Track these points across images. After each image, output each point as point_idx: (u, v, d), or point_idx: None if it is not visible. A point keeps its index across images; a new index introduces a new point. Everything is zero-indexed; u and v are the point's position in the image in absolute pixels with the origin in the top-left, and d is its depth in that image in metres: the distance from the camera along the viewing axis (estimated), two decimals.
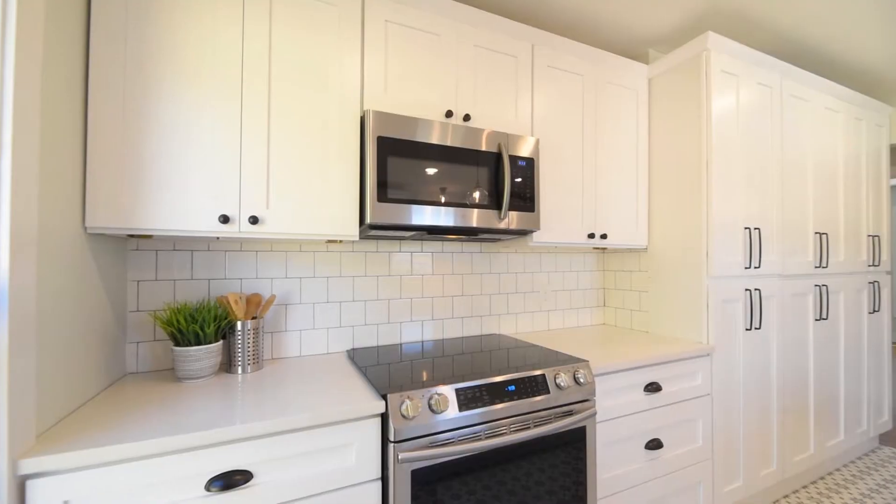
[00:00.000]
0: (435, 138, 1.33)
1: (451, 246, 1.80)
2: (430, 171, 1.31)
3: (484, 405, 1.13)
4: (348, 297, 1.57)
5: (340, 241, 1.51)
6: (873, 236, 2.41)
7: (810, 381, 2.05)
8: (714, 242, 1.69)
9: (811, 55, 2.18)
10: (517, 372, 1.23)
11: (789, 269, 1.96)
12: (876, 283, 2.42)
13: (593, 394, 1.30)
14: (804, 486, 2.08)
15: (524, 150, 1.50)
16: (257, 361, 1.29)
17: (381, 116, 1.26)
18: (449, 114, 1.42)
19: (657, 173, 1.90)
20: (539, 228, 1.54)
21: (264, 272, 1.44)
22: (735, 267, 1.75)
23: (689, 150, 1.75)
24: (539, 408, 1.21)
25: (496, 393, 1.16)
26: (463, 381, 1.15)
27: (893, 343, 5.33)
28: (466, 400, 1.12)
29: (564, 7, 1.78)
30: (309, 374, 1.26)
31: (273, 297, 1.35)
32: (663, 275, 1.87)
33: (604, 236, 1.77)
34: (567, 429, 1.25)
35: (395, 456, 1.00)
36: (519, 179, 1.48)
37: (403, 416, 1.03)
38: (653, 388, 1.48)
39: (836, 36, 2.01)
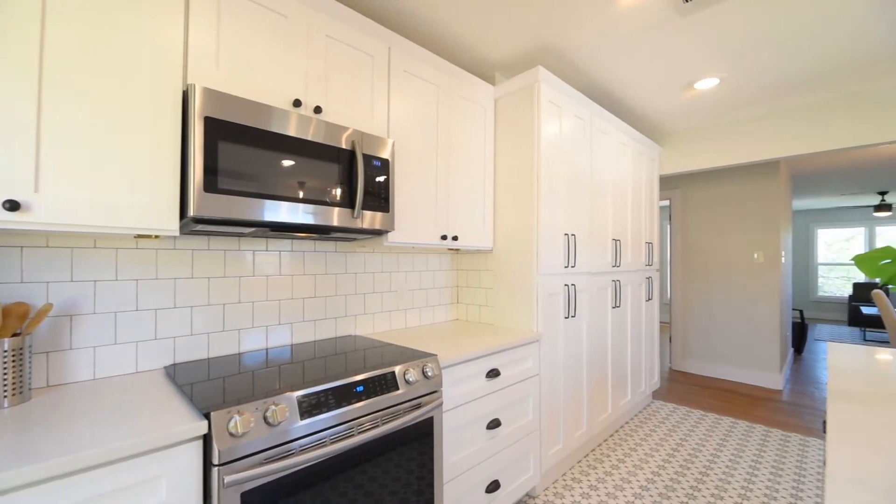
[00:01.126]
0: (281, 128, 1.23)
1: (303, 245, 1.69)
2: (275, 162, 1.21)
3: (330, 410, 1.09)
4: (167, 303, 1.32)
5: (156, 237, 1.26)
6: (649, 243, 3.17)
7: (608, 355, 2.59)
8: (542, 245, 1.99)
9: (611, 100, 2.76)
10: (369, 372, 1.22)
11: (595, 268, 2.43)
12: (650, 278, 3.20)
13: (440, 385, 1.38)
14: (605, 440, 2.61)
15: (380, 151, 1.51)
16: (20, 392, 0.98)
17: (212, 95, 1.10)
18: (297, 103, 1.34)
19: (501, 183, 2.14)
20: (394, 229, 1.57)
21: (35, 274, 1.10)
22: (558, 266, 2.09)
23: (524, 166, 2.02)
24: (388, 405, 1.22)
25: (344, 396, 1.13)
26: (310, 386, 1.08)
27: (662, 322, 7.14)
28: (310, 407, 1.06)
29: (420, 19, 1.86)
30: (105, 400, 1.01)
31: (48, 306, 1.04)
32: (505, 273, 2.11)
33: (455, 238, 1.91)
34: (416, 422, 1.30)
35: (221, 480, 0.89)
36: (374, 179, 1.48)
37: (232, 435, 0.91)
38: (493, 374, 1.66)
39: (627, 89, 2.58)
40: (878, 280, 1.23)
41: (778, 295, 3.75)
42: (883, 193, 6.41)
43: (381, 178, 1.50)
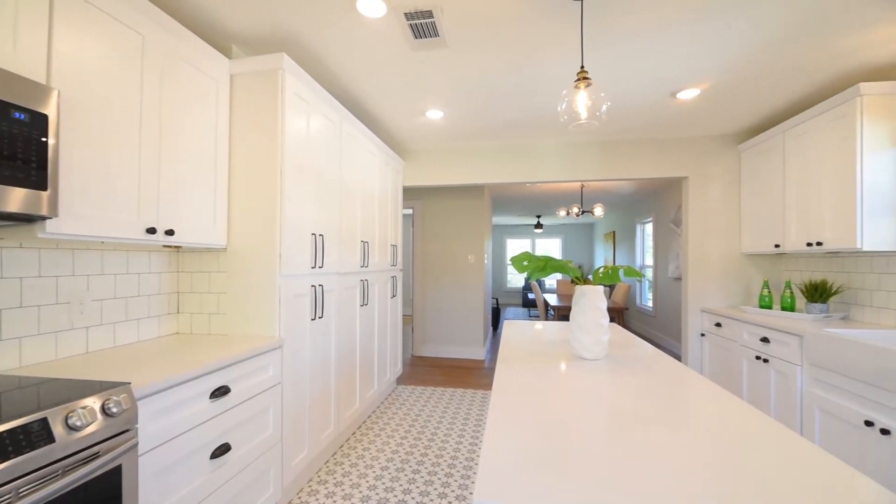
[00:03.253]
0: None
1: None
2: None
3: None
4: None
5: None
6: (394, 245, 3.54)
7: (357, 352, 2.71)
8: (286, 245, 1.88)
9: (362, 109, 2.92)
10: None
11: (344, 268, 2.50)
12: (395, 277, 3.57)
13: (135, 421, 1.07)
14: (353, 433, 2.71)
15: (31, 100, 1.04)
16: None
17: None
18: None
19: (239, 174, 1.89)
20: (58, 214, 1.12)
21: None
22: (304, 266, 2.03)
23: (268, 158, 1.86)
24: (34, 468, 0.84)
25: None
26: None
27: (405, 315, 8.15)
28: None
29: None
30: None
31: None
32: (242, 275, 1.87)
33: (170, 232, 1.54)
34: (91, 478, 0.95)
35: None
36: (16, 139, 1.01)
37: None
38: (221, 392, 1.43)
39: (376, 102, 2.80)
40: (522, 274, 1.86)
41: (483, 287, 4.92)
42: (538, 216, 9.48)
43: (32, 139, 1.04)
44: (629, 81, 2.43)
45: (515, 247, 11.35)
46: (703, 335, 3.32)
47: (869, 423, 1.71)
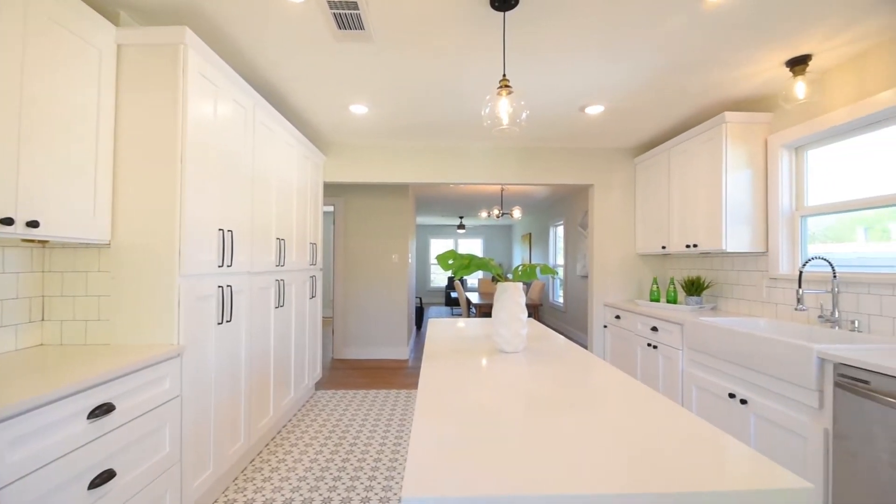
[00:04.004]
0: None
1: None
2: None
3: None
4: None
5: None
6: (313, 244, 3.36)
7: (271, 357, 2.52)
8: (188, 241, 1.68)
9: (279, 98, 2.72)
10: None
11: (257, 267, 2.31)
12: (314, 277, 3.39)
13: None
14: (266, 445, 2.52)
15: None
16: None
17: None
18: None
19: (128, 159, 1.64)
20: None
21: None
22: (209, 265, 1.83)
23: (165, 143, 1.64)
24: None
25: None
26: None
27: (325, 317, 7.81)
28: None
29: None
30: None
31: None
32: (132, 275, 1.62)
33: (33, 224, 1.28)
34: None
35: None
36: None
37: None
38: (102, 410, 1.22)
39: (295, 93, 2.62)
40: (448, 272, 1.91)
41: (407, 287, 4.91)
42: (461, 217, 9.74)
43: None
44: (546, 93, 2.61)
45: (439, 246, 11.53)
46: (605, 327, 3.70)
47: (732, 396, 2.05)
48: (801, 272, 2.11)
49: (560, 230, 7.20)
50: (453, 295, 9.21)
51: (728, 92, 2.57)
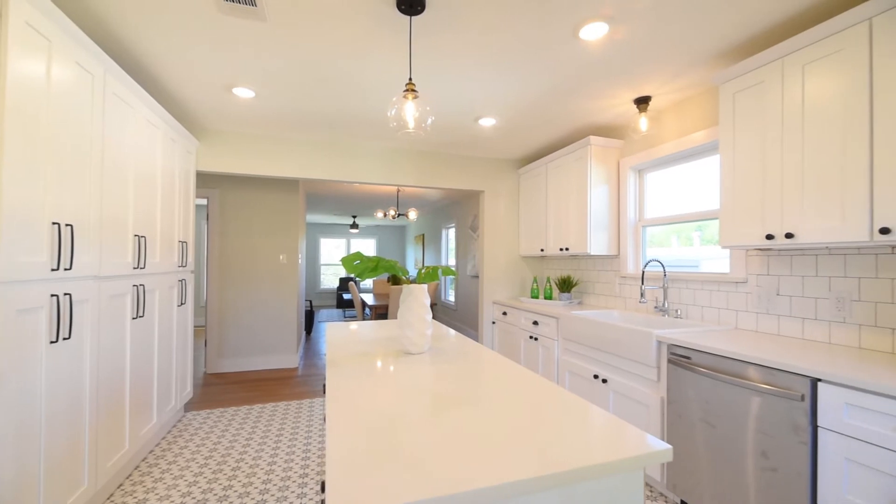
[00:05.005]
0: None
1: None
2: None
3: None
4: None
5: None
6: (183, 242, 2.90)
7: (127, 379, 2.10)
8: (6, 238, 1.30)
9: (142, 69, 2.28)
10: None
11: (108, 270, 1.91)
12: (184, 281, 2.93)
13: None
14: (120, 485, 2.09)
15: None
16: None
17: None
18: None
19: None
20: None
21: None
22: (37, 268, 1.44)
23: None
24: None
25: None
26: None
27: (197, 327, 6.81)
28: None
29: None
30: None
31: None
32: None
33: None
34: None
35: None
36: None
37: None
38: None
39: (165, 67, 2.23)
40: (353, 275, 1.84)
41: (296, 289, 4.58)
42: (354, 216, 9.47)
43: None
44: (446, 101, 2.72)
45: (330, 246, 11.02)
46: (493, 323, 4.01)
47: (596, 377, 2.42)
48: (643, 272, 2.60)
49: (452, 232, 7.53)
50: (346, 297, 8.89)
51: (594, 118, 3.03)
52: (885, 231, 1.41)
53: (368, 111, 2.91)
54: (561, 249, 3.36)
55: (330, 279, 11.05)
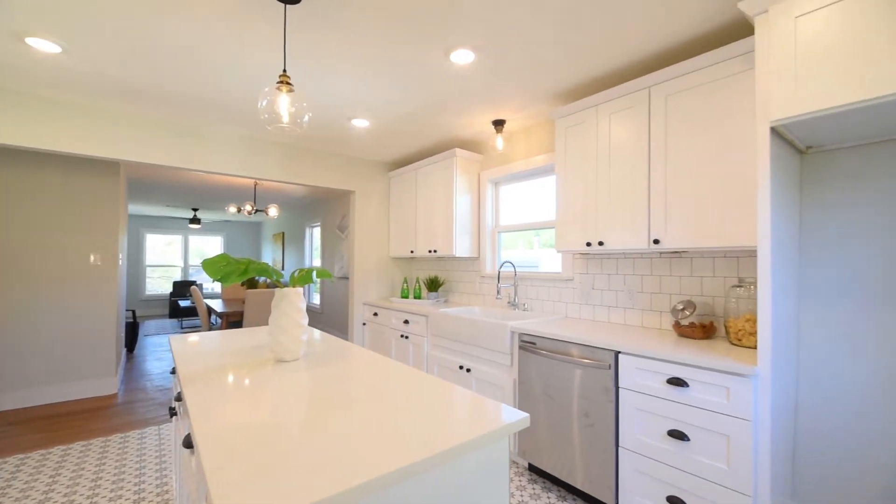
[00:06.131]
0: None
1: None
2: None
3: None
4: None
5: None
6: None
7: None
8: None
9: None
10: None
11: None
12: None
13: None
14: None
15: None
16: None
17: None
18: None
19: None
20: None
21: None
22: None
23: None
24: None
25: None
26: None
27: None
28: None
29: None
30: None
31: None
32: None
33: None
34: None
35: None
36: None
37: None
38: None
39: None
40: (215, 279, 1.59)
41: (116, 297, 3.72)
42: (195, 210, 8.14)
43: None
44: (319, 96, 2.62)
45: (158, 243, 9.20)
46: (364, 324, 4.00)
47: (461, 367, 2.68)
48: (499, 272, 2.99)
49: (317, 231, 7.16)
50: (183, 304, 7.56)
51: (460, 133, 3.32)
52: (656, 241, 1.97)
53: (225, 94, 2.59)
54: (430, 251, 3.58)
55: (159, 283, 9.21)
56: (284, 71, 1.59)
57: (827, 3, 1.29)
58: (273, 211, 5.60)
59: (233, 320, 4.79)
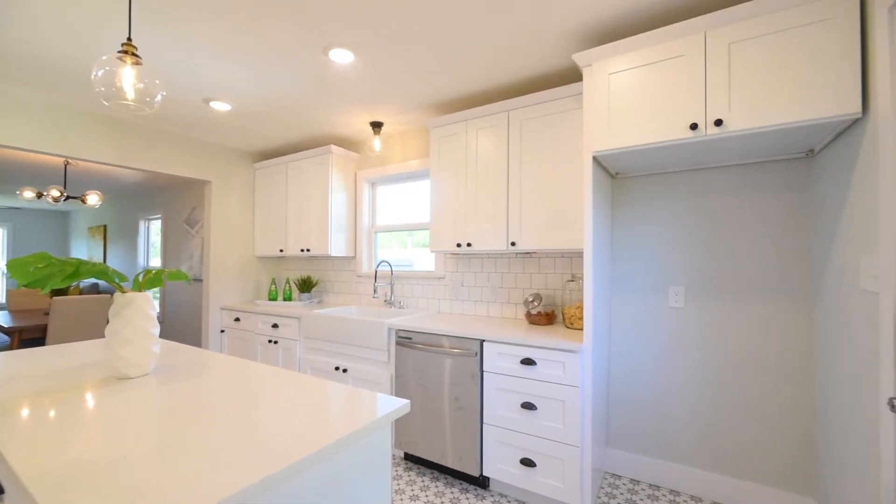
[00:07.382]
0: None
1: None
2: None
3: None
4: None
5: None
6: None
7: None
8: None
9: None
10: None
11: None
12: None
13: None
14: None
15: None
16: None
17: None
18: None
19: None
20: None
21: None
22: None
23: None
24: None
25: None
26: None
27: None
28: None
29: None
30: None
31: None
32: None
33: None
34: None
35: None
36: None
37: None
38: None
39: None
40: (25, 284, 1.20)
41: None
42: None
43: None
44: (171, 68, 2.26)
45: None
46: (223, 331, 3.57)
47: (337, 368, 2.64)
48: (375, 271, 3.04)
49: (157, 225, 6.03)
50: None
51: (337, 130, 3.25)
52: (513, 244, 2.30)
53: (29, 44, 2.03)
54: (302, 250, 3.41)
55: None
56: (129, 38, 1.35)
57: (630, 67, 1.73)
58: (93, 198, 4.52)
59: (29, 337, 3.71)
